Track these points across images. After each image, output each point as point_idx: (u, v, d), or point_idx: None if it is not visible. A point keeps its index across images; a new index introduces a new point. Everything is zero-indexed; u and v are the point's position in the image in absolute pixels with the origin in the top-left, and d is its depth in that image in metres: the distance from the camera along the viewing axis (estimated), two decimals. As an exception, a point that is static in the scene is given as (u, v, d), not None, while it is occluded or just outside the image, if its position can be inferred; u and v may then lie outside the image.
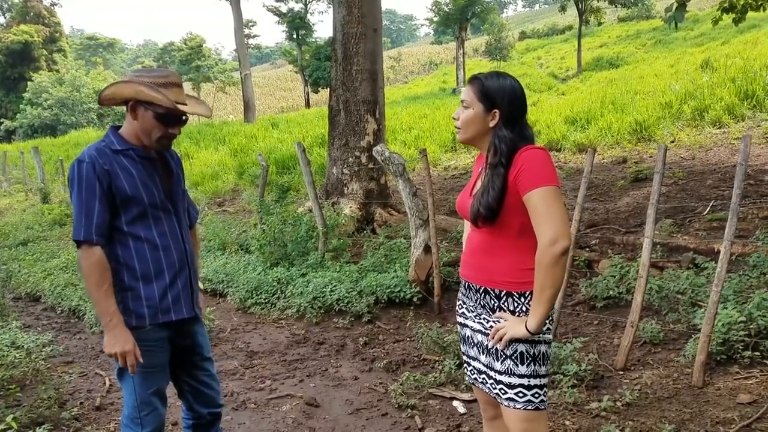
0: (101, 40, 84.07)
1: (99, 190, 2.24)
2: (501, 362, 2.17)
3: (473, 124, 2.16)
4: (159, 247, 2.37)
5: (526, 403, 2.15)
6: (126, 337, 2.27)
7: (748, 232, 5.92)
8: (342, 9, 8.45)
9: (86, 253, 2.25)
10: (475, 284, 2.25)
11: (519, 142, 2.10)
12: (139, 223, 2.34)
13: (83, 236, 2.23)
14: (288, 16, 45.62)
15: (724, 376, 3.74)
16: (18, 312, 6.46)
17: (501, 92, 2.13)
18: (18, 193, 16.14)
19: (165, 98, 2.26)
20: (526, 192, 2.03)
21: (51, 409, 3.82)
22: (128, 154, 2.34)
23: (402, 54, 70.49)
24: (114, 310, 2.27)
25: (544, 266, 2.01)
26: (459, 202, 2.35)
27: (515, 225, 2.12)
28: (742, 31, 24.84)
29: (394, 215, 8.51)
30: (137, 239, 2.34)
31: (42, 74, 43.79)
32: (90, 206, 2.24)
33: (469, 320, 2.33)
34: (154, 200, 2.36)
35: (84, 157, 2.26)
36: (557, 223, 2.00)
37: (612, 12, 52.35)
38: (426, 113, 20.87)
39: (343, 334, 5.31)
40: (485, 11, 41.19)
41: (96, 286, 2.24)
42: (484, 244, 2.21)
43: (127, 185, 2.29)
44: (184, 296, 2.46)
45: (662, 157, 3.99)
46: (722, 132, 11.97)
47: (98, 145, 2.32)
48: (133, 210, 2.32)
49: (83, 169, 2.25)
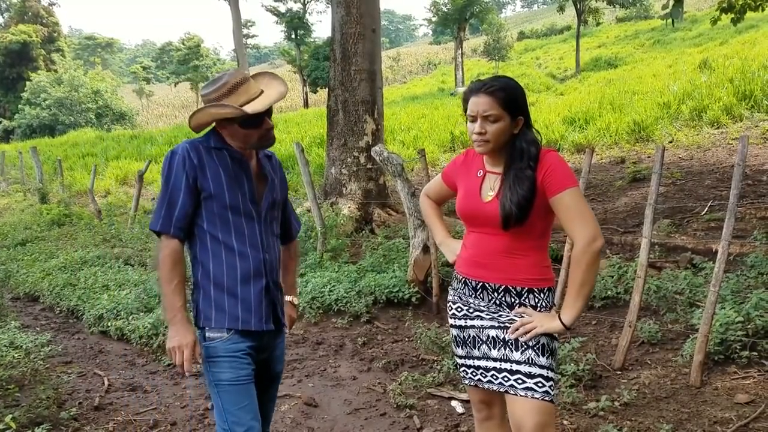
0: (99, 40, 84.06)
1: (185, 183, 2.17)
2: (521, 352, 2.19)
3: (504, 133, 2.15)
4: (235, 252, 2.24)
5: (544, 393, 2.16)
6: (186, 332, 2.17)
7: (746, 232, 5.93)
8: (341, 9, 8.46)
9: (162, 244, 2.18)
10: (493, 283, 2.25)
11: (539, 143, 2.18)
12: (219, 223, 2.24)
13: (160, 227, 2.17)
14: (286, 16, 45.64)
15: (722, 376, 3.75)
16: (16, 312, 6.46)
17: (521, 98, 2.17)
18: (16, 193, 16.13)
19: (234, 109, 2.15)
20: (557, 193, 2.09)
21: (50, 409, 3.82)
22: (222, 154, 2.25)
23: (400, 54, 70.47)
24: (180, 306, 2.18)
25: (585, 264, 2.08)
26: (464, 208, 2.31)
27: (540, 226, 2.18)
28: (741, 32, 24.87)
29: (392, 215, 8.51)
30: (215, 240, 2.24)
31: (40, 74, 43.72)
32: (173, 198, 2.17)
33: (476, 320, 2.30)
34: (237, 203, 2.24)
35: (177, 149, 2.21)
36: (591, 222, 2.08)
37: (610, 12, 52.41)
38: (425, 113, 20.89)
39: (342, 334, 5.31)
40: (484, 11, 41.23)
41: (166, 279, 2.17)
42: (505, 246, 2.20)
43: (212, 183, 2.20)
44: (256, 306, 2.27)
45: (660, 158, 4.00)
46: (720, 132, 11.99)
47: (195, 140, 2.25)
48: (214, 209, 2.22)
49: (174, 161, 2.19)
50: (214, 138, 2.26)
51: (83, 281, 6.78)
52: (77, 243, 9.34)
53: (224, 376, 2.20)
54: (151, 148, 21.12)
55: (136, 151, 20.98)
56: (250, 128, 2.22)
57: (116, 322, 5.55)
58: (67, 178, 16.11)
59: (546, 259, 2.23)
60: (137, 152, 20.72)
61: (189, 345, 2.16)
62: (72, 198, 13.98)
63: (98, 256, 8.07)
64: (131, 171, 16.96)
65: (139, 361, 5.06)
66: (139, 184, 11.19)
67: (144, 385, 4.50)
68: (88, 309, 6.00)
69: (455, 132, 16.12)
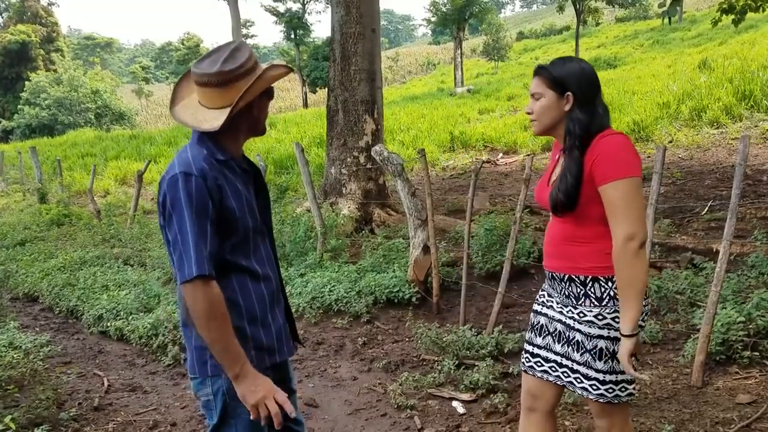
0: (99, 40, 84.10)
1: (212, 210, 1.80)
2: (581, 354, 2.21)
3: (548, 111, 2.16)
4: (260, 277, 1.97)
5: (598, 395, 2.19)
6: (263, 379, 1.87)
7: (747, 232, 5.93)
8: (340, 9, 8.45)
9: (203, 290, 1.76)
10: (560, 273, 2.25)
11: (592, 124, 2.10)
12: (240, 250, 1.93)
13: (198, 270, 1.74)
14: (286, 16, 45.60)
15: (724, 376, 3.74)
16: (16, 312, 6.44)
17: (571, 75, 2.13)
18: (15, 193, 16.10)
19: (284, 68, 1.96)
20: (602, 184, 2.03)
21: (49, 409, 3.81)
22: (231, 166, 1.91)
23: (400, 54, 70.54)
24: (245, 354, 1.85)
25: (623, 264, 2.00)
26: (537, 192, 2.36)
27: (596, 213, 2.11)
28: (740, 32, 24.87)
29: (392, 215, 8.50)
30: (238, 270, 1.92)
31: (39, 74, 43.73)
32: (203, 231, 1.78)
33: (549, 309, 2.34)
34: (255, 222, 1.97)
35: (191, 170, 1.79)
36: (632, 219, 1.98)
37: (609, 12, 52.46)
38: (424, 113, 20.88)
39: (342, 334, 5.30)
40: (483, 11, 41.19)
41: (221, 329, 1.79)
42: (567, 232, 2.21)
43: (236, 204, 1.88)
44: (285, 332, 2.09)
45: (661, 158, 3.99)
46: (720, 132, 12.00)
47: (199, 154, 1.85)
48: (238, 234, 1.90)
49: (192, 185, 1.77)
50: (218, 148, 1.90)
51: (82, 281, 6.77)
52: (76, 243, 9.32)
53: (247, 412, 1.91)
54: (150, 148, 21.08)
55: (135, 151, 20.95)
56: (269, 99, 1.98)
57: (116, 323, 5.54)
58: (67, 178, 16.08)
59: (611, 246, 2.07)
60: (136, 152, 20.69)
61: (275, 390, 1.89)
62: (71, 198, 13.96)
63: (97, 256, 8.05)
64: (130, 171, 16.95)
65: (138, 361, 5.05)
66: (138, 184, 11.18)
67: (144, 386, 4.49)
68: (88, 309, 5.99)
69: (455, 132, 16.12)
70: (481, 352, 4.31)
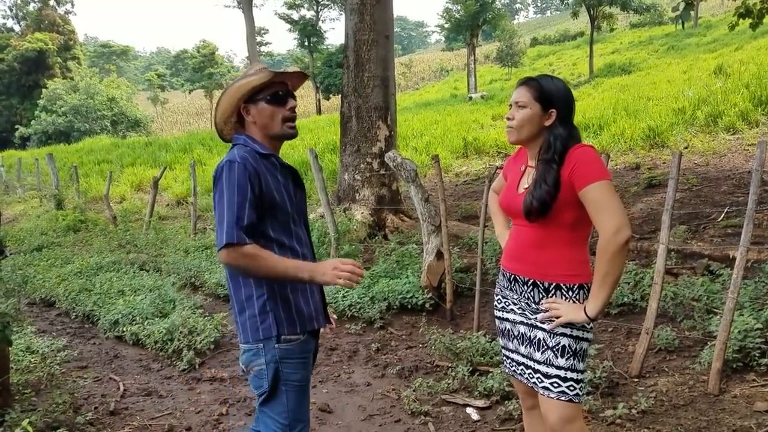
0: (115, 48, 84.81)
1: (250, 192, 2.11)
2: (541, 353, 2.28)
3: (530, 123, 2.26)
4: (299, 254, 2.28)
5: (559, 393, 2.24)
6: (324, 262, 2.16)
7: (764, 238, 5.87)
8: (354, 16, 8.49)
9: (234, 254, 2.05)
10: (523, 277, 2.33)
11: (570, 140, 2.23)
12: (282, 231, 2.24)
13: (227, 239, 2.04)
14: (300, 24, 45.89)
15: (741, 384, 3.70)
16: (33, 317, 6.51)
17: (557, 93, 2.26)
18: (32, 199, 16.30)
19: (265, 72, 2.22)
20: (584, 186, 2.13)
21: (66, 413, 3.85)
22: (271, 160, 2.25)
23: (413, 60, 70.64)
24: (299, 264, 2.14)
25: (609, 254, 2.10)
26: (503, 200, 2.45)
27: (568, 219, 2.21)
28: (756, 37, 24.65)
29: (405, 221, 8.51)
30: (282, 246, 2.23)
31: (56, 81, 44.25)
32: (241, 208, 2.08)
33: (509, 313, 2.42)
34: (293, 209, 2.29)
35: (235, 158, 2.13)
36: (618, 214, 2.10)
37: (624, 18, 52.23)
38: (437, 119, 20.90)
39: (356, 340, 5.31)
40: (496, 18, 41.22)
41: (271, 263, 2.09)
42: (536, 238, 2.28)
43: (275, 190, 2.20)
44: (322, 305, 2.40)
45: (677, 163, 3.97)
46: (736, 138, 11.88)
47: (243, 150, 2.20)
48: (279, 216, 2.22)
49: (235, 169, 2.11)
50: (259, 145, 2.25)
51: (99, 286, 6.83)
52: (93, 249, 9.41)
53: (296, 376, 2.24)
54: (165, 154, 21.24)
55: (150, 157, 21.11)
56: (275, 104, 2.24)
57: (131, 327, 5.58)
58: (83, 185, 16.24)
59: (580, 255, 2.25)
60: (152, 159, 20.86)
61: (336, 261, 2.15)
62: (87, 204, 14.10)
63: (113, 261, 8.12)
64: (146, 177, 17.09)
65: (154, 366, 5.08)
66: (154, 191, 11.27)
67: (159, 390, 4.52)
68: (104, 314, 6.04)
69: (468, 138, 16.09)
70: (495, 358, 4.29)
